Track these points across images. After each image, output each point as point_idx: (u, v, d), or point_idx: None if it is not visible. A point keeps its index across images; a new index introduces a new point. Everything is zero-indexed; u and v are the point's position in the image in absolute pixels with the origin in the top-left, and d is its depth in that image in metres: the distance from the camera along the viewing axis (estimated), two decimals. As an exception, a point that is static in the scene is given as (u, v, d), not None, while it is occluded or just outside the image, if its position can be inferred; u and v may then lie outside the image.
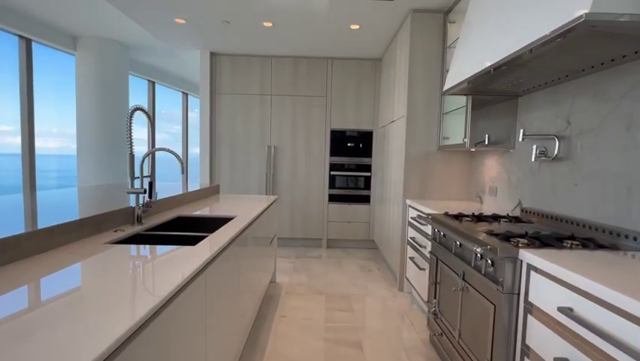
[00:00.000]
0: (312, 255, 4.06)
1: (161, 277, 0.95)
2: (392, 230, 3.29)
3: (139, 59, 5.92)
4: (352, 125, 4.25)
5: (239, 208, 2.25)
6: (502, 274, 1.33)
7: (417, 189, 2.93)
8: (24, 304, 0.76)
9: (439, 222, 1.95)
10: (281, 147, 4.26)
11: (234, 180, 4.28)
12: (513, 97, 2.27)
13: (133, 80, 6.77)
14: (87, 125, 4.91)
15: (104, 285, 0.87)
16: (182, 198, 2.33)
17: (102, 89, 4.93)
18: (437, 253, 2.02)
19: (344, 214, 4.31)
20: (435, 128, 2.90)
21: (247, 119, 4.23)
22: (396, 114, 3.27)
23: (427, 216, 2.10)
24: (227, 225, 1.72)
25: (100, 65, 4.91)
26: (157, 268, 1.03)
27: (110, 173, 5.09)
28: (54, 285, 0.87)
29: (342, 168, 4.29)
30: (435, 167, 2.93)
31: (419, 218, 2.19)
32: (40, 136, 4.55)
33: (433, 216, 2.05)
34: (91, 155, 4.98)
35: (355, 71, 4.20)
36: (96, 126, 4.93)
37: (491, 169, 2.59)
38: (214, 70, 4.19)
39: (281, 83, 4.20)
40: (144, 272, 0.99)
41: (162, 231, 1.74)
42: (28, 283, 0.87)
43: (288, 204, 4.31)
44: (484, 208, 2.46)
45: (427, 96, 2.88)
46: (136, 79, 6.78)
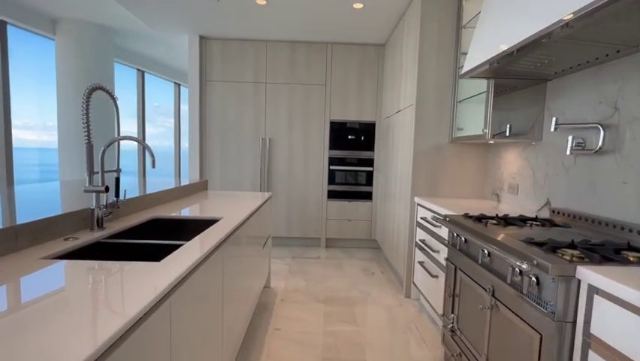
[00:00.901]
0: (310, 256, 3.78)
1: (93, 318, 0.66)
2: (397, 230, 3.01)
3: (125, 45, 5.56)
4: (353, 116, 3.95)
5: (227, 208, 1.96)
6: (551, 296, 1.05)
7: (426, 186, 2.65)
8: None
9: (459, 225, 1.66)
10: (276, 140, 3.96)
11: (226, 176, 3.98)
12: (540, 81, 1.98)
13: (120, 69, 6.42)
14: (69, 115, 4.57)
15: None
16: (162, 196, 2.03)
17: (85, 77, 4.58)
18: (456, 260, 1.74)
19: (344, 212, 4.03)
20: (447, 118, 2.61)
21: (240, 109, 3.92)
22: (403, 103, 2.98)
23: (444, 218, 1.82)
24: (211, 229, 1.43)
25: (82, 50, 4.57)
26: (90, 300, 0.74)
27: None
28: None
29: (343, 163, 4.00)
30: (446, 161, 2.64)
31: (434, 220, 1.91)
32: (20, 128, 4.22)
33: (451, 218, 1.77)
34: (74, 148, 4.65)
35: (357, 57, 3.89)
36: (79, 117, 4.59)
37: (511, 164, 2.31)
38: (204, 55, 3.87)
39: (276, 70, 3.89)
40: (69, 308, 0.69)
41: (128, 238, 1.44)
42: None
43: (284, 201, 4.02)
44: (502, 208, 2.19)
45: (439, 82, 2.58)
46: (124, 67, 6.43)
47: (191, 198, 2.32)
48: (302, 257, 3.73)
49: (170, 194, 2.15)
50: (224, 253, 1.39)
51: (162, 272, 0.91)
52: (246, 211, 1.86)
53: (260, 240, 2.29)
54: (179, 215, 1.73)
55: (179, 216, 1.72)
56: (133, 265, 0.96)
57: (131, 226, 1.48)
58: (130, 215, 1.65)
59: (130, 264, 0.97)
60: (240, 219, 1.67)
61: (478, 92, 2.28)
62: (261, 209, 2.30)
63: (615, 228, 1.45)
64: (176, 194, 2.23)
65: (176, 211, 1.81)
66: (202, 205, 2.04)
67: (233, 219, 1.64)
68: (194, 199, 2.26)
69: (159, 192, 2.00)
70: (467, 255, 1.62)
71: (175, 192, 2.21)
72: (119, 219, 1.54)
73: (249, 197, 2.45)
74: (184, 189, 2.36)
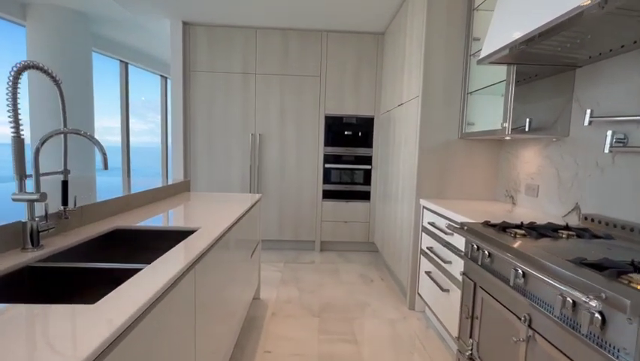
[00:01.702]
0: (304, 260, 3.51)
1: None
2: (400, 235, 2.75)
3: (105, 34, 5.19)
4: (350, 110, 3.68)
5: (209, 214, 1.68)
6: (625, 341, 0.80)
7: (433, 187, 2.39)
8: None
9: (480, 236, 1.41)
10: (267, 136, 3.67)
11: (213, 175, 3.68)
12: (568, 68, 1.73)
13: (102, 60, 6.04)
14: (42, 109, 4.21)
15: None
16: (133, 201, 1.73)
17: (59, 68, 4.22)
18: (475, 277, 1.49)
19: (340, 213, 3.77)
20: (456, 111, 2.35)
21: (227, 102, 3.61)
22: (406, 95, 2.71)
23: (461, 226, 1.56)
24: (185, 243, 1.15)
25: (55, 38, 4.20)
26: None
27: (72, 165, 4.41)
28: None
29: (339, 160, 3.73)
30: (455, 159, 2.39)
31: (449, 228, 1.65)
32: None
33: (469, 227, 1.51)
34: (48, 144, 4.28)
35: (354, 47, 3.61)
36: (53, 111, 4.23)
37: (529, 163, 2.06)
38: (187, 43, 3.55)
39: (267, 60, 3.59)
40: None
41: (72, 259, 1.15)
42: None
43: (275, 202, 3.73)
44: (520, 212, 1.94)
45: (448, 72, 2.32)
46: (105, 59, 6.05)
47: (169, 201, 2.02)
48: (295, 262, 3.46)
49: (143, 198, 1.85)
50: (201, 269, 1.11)
51: (93, 325, 0.63)
52: (230, 218, 1.58)
53: (248, 248, 2.01)
54: (148, 225, 1.44)
55: (148, 226, 1.43)
56: (54, 311, 0.67)
57: (81, 242, 1.19)
58: (86, 226, 1.36)
59: (49, 309, 0.68)
60: (222, 229, 1.39)
61: (493, 82, 2.03)
62: (250, 213, 2.02)
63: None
64: (151, 197, 1.93)
65: (146, 219, 1.52)
66: (180, 211, 1.75)
67: (214, 230, 1.36)
68: (172, 203, 1.97)
69: (129, 195, 1.70)
70: (492, 272, 1.36)
71: (149, 195, 1.92)
72: (69, 233, 1.25)
73: (235, 200, 2.16)
74: (161, 191, 2.07)
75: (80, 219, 1.33)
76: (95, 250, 1.28)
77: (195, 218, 1.59)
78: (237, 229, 1.71)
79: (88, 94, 4.64)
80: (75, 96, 4.40)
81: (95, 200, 1.47)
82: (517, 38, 1.44)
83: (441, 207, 2.03)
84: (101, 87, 7.56)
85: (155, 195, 2.00)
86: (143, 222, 1.47)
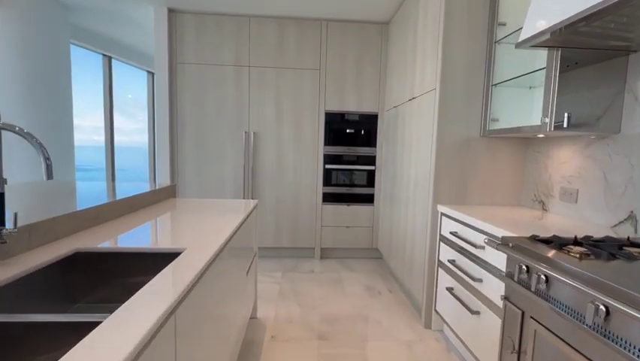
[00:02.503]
0: (303, 269, 3.23)
1: None
2: (411, 244, 2.49)
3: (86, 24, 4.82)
4: (352, 106, 3.40)
5: (197, 228, 1.38)
6: None
7: (452, 191, 2.13)
8: None
9: (533, 256, 1.14)
10: (262, 134, 3.37)
11: (204, 177, 3.37)
12: (619, 53, 1.48)
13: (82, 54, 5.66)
14: (12, 106, 3.83)
15: None
16: (102, 213, 1.43)
17: (33, 59, 3.85)
18: (524, 304, 1.22)
19: (342, 217, 3.49)
20: (478, 105, 2.09)
21: (218, 97, 3.31)
22: (418, 89, 2.44)
23: (505, 242, 1.29)
24: (164, 274, 0.86)
25: (29, 27, 3.83)
26: None
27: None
28: None
29: (340, 161, 3.45)
30: (476, 160, 2.13)
31: (489, 243, 1.38)
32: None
33: (515, 244, 1.25)
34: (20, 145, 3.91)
35: (356, 37, 3.33)
36: (25, 108, 3.86)
37: (566, 164, 1.81)
38: (174, 32, 3.22)
39: (262, 52, 3.29)
40: None
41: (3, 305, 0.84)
42: None
43: (271, 206, 3.44)
44: (553, 220, 1.69)
45: (469, 62, 2.06)
46: (86, 52, 5.67)
47: (150, 211, 1.72)
48: (294, 271, 3.17)
49: (118, 208, 1.54)
50: (184, 313, 0.82)
51: None
52: (222, 235, 1.29)
53: (243, 265, 1.72)
54: (120, 247, 1.14)
55: (119, 248, 1.13)
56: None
57: (25, 274, 0.89)
58: (35, 250, 1.05)
59: None
60: (212, 250, 1.10)
61: (523, 72, 1.77)
62: (245, 224, 1.73)
63: None
64: (127, 207, 1.63)
65: (119, 237, 1.22)
66: (162, 225, 1.45)
67: (202, 253, 1.07)
68: (153, 214, 1.66)
69: (99, 207, 1.40)
70: (551, 301, 1.10)
71: (126, 205, 1.61)
72: (8, 262, 0.94)
73: (228, 208, 1.87)
74: (141, 198, 1.76)
75: (27, 241, 1.02)
76: (46, 283, 0.97)
77: (180, 234, 1.29)
78: (231, 246, 1.42)
79: (65, 89, 4.28)
80: (51, 91, 4.03)
81: (52, 214, 1.16)
82: (572, 15, 1.18)
83: (465, 214, 1.77)
84: (90, 85, 7.14)
85: (133, 204, 1.69)
86: (109, 243, 1.17)
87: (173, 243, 1.18)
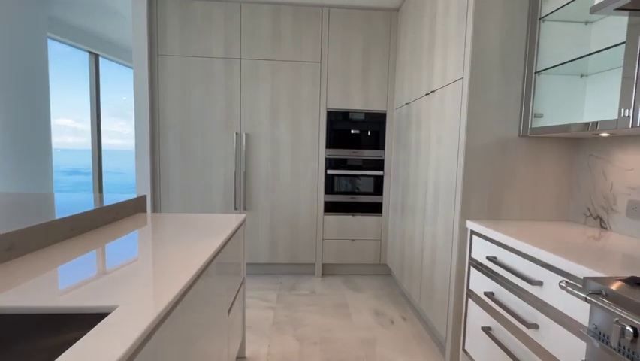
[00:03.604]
0: (302, 290, 2.82)
1: None
2: (430, 264, 2.09)
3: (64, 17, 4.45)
4: (357, 103, 3.01)
5: (154, 262, 0.99)
6: None
7: (483, 203, 1.73)
8: None
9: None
10: (256, 135, 2.98)
11: (188, 185, 2.97)
12: None
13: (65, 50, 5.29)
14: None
15: None
16: (20, 242, 1.03)
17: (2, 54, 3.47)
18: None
19: (345, 229, 3.09)
20: (516, 98, 1.70)
21: (206, 94, 2.92)
22: (439, 80, 2.05)
23: (600, 293, 0.89)
24: (80, 345, 0.46)
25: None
26: None
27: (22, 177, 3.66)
28: None
29: (343, 165, 3.06)
30: (515, 165, 1.73)
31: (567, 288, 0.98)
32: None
33: (611, 292, 0.85)
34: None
35: (362, 26, 2.95)
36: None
37: (635, 171, 1.42)
38: (154, 20, 2.84)
39: (255, 42, 2.90)
40: None
41: None
42: None
43: (266, 217, 3.04)
44: (622, 243, 1.29)
45: (506, 44, 1.67)
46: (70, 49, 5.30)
47: (99, 235, 1.32)
48: (292, 292, 2.77)
49: (48, 233, 1.14)
50: None
51: None
52: (186, 273, 0.89)
53: (222, 304, 1.32)
54: (16, 304, 0.74)
55: (10, 308, 0.73)
56: None
57: None
58: None
59: None
60: (161, 307, 0.70)
61: (579, 55, 1.38)
62: (226, 249, 1.33)
63: None
64: (66, 230, 1.23)
65: (22, 285, 0.83)
66: (97, 260, 1.05)
67: (144, 313, 0.67)
68: (100, 239, 1.26)
69: (12, 232, 1.00)
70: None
71: (65, 227, 1.21)
72: None
73: (207, 226, 1.47)
74: (92, 216, 1.36)
75: None
76: None
77: (124, 275, 0.90)
78: (203, 283, 1.02)
79: (42, 88, 3.90)
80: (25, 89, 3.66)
81: None
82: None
83: (510, 236, 1.37)
84: (67, 82, 6.70)
85: (78, 225, 1.29)
86: (16, 294, 0.77)
87: (98, 296, 0.78)
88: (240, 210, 3.01)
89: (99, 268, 0.95)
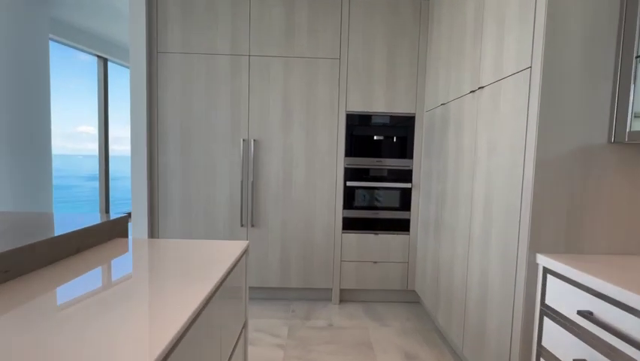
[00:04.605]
0: (318, 320, 2.43)
1: None
2: (478, 302, 1.67)
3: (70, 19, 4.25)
4: (381, 105, 2.63)
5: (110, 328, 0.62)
6: None
7: (559, 231, 1.31)
8: None
9: None
10: (265, 142, 2.63)
11: (189, 196, 2.64)
12: None
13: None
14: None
15: None
16: None
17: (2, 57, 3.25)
18: None
19: (367, 250, 2.69)
20: (606, 93, 1.28)
21: (210, 95, 2.59)
22: (491, 73, 1.65)
23: None
24: None
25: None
26: None
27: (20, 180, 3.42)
28: None
29: (365, 176, 2.67)
30: (603, 181, 1.30)
31: None
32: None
33: None
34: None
35: (387, 17, 2.58)
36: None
37: None
38: (154, 14, 2.54)
39: (266, 37, 2.57)
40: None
41: None
42: None
43: (276, 234, 2.67)
44: None
45: (593, 19, 1.26)
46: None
47: (39, 280, 0.97)
48: (305, 325, 2.38)
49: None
50: None
51: None
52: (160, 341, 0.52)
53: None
54: None
55: None
56: None
57: None
58: None
59: None
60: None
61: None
62: (226, 285, 0.96)
63: None
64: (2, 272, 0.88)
65: None
66: (17, 329, 0.70)
67: None
68: (34, 288, 0.91)
69: None
70: None
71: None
72: None
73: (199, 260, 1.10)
74: (30, 254, 1.02)
75: None
76: None
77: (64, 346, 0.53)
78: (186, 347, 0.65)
79: (42, 91, 3.68)
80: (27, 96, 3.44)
81: None
82: None
83: (617, 286, 0.95)
84: (75, 87, 6.53)
85: (10, 265, 0.94)
86: None
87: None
88: (247, 226, 2.65)
89: (15, 345, 0.58)
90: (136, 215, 2.59)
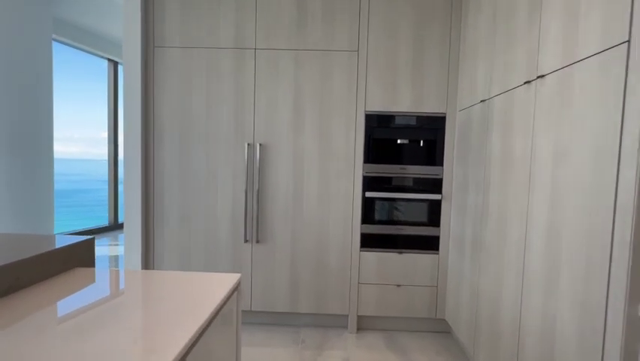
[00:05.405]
0: (331, 353, 2.08)
1: None
2: (544, 352, 1.28)
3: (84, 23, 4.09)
4: (406, 104, 2.28)
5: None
6: None
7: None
8: None
9: None
10: (273, 146, 2.31)
11: (188, 207, 2.35)
12: None
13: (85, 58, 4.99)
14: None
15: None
16: None
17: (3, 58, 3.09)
18: None
19: (389, 271, 2.33)
20: None
21: (211, 93, 2.30)
22: (556, 58, 1.28)
23: None
24: None
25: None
26: None
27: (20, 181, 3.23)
28: None
29: (387, 186, 2.31)
30: None
31: None
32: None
33: None
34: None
35: (413, 2, 2.24)
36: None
37: None
38: (150, 5, 2.29)
39: (274, 28, 2.27)
40: None
41: None
42: None
43: (285, 252, 2.34)
44: None
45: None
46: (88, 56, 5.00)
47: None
48: (316, 358, 2.04)
49: None
50: None
51: None
52: None
53: None
54: None
55: None
56: None
57: None
58: None
59: None
60: None
61: None
62: (206, 338, 0.64)
63: None
64: None
65: None
66: None
67: None
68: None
69: None
70: None
71: None
72: None
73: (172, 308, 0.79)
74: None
75: None
76: None
77: None
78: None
79: (44, 93, 3.51)
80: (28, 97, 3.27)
81: None
82: None
83: None
84: (85, 90, 6.42)
85: None
86: None
87: None
88: (252, 242, 2.33)
89: None
90: (129, 226, 2.32)
